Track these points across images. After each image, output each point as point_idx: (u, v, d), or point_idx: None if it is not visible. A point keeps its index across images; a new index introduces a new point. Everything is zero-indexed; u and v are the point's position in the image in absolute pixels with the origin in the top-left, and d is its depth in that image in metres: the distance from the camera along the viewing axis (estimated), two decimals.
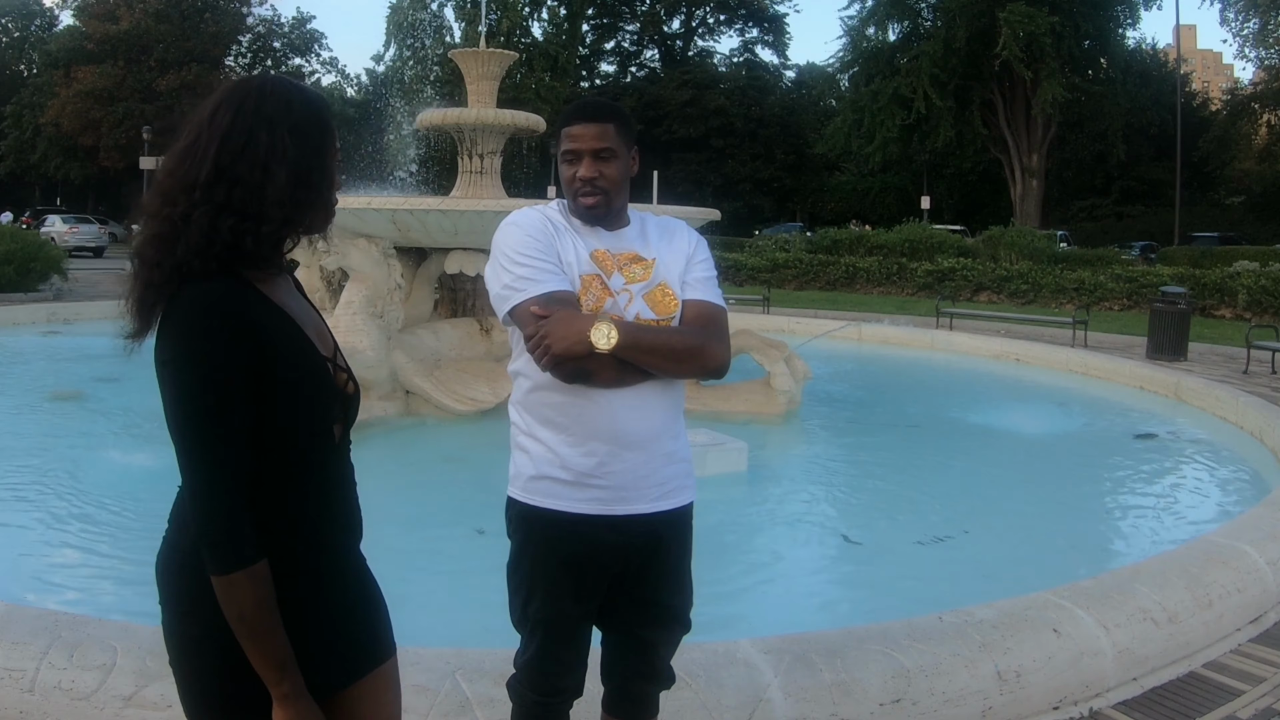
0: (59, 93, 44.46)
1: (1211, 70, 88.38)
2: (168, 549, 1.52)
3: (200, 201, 1.38)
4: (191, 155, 1.42)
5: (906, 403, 8.95)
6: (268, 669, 1.39)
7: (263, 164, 1.41)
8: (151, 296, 1.41)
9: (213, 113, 1.44)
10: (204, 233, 1.37)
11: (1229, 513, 5.30)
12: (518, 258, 1.90)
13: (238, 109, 1.44)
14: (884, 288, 21.58)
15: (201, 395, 1.35)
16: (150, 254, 1.40)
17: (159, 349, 1.39)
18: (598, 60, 57.16)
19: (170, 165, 1.43)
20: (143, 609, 3.59)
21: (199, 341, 1.36)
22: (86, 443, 6.38)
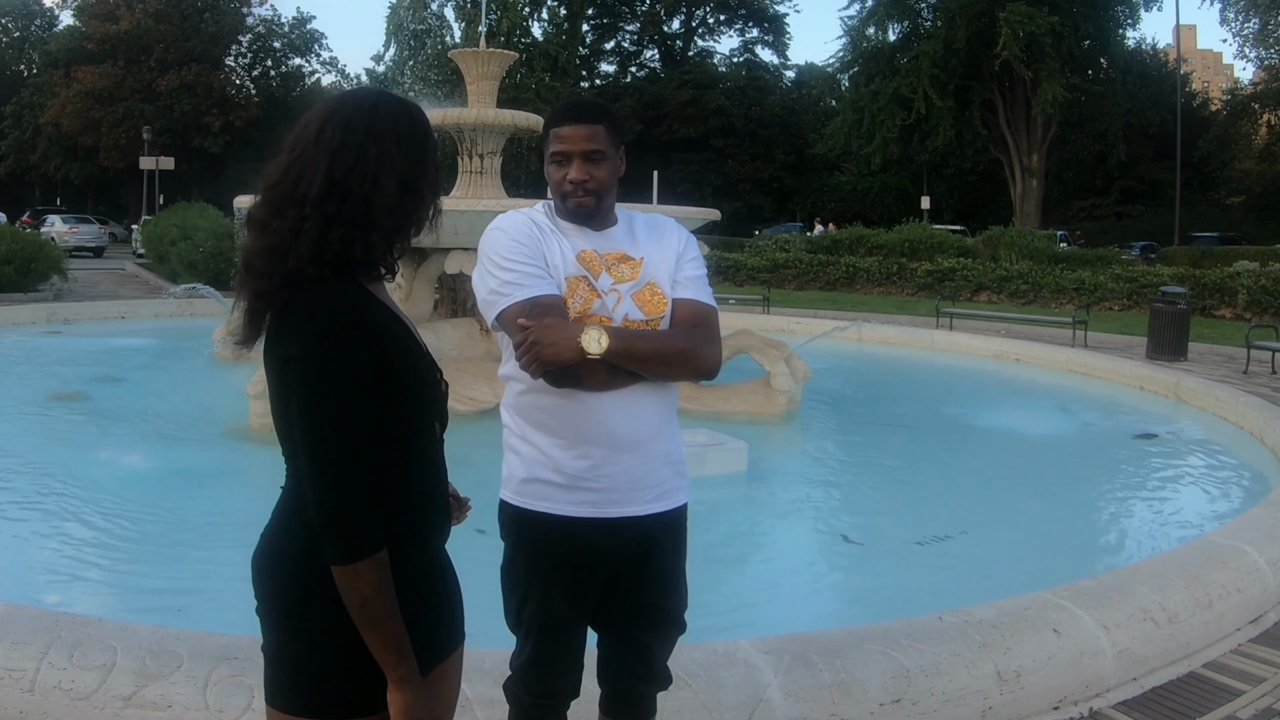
0: (59, 93, 44.47)
1: (1211, 70, 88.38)
2: (271, 551, 1.55)
3: (311, 215, 1.44)
4: (300, 170, 1.46)
5: (906, 403, 8.95)
6: (386, 653, 1.45)
7: (372, 177, 1.46)
8: (263, 306, 1.47)
9: (320, 129, 1.48)
10: (314, 244, 1.42)
11: (1229, 513, 5.30)
12: (503, 262, 1.90)
13: (347, 125, 1.48)
14: (884, 288, 21.57)
15: (331, 394, 1.40)
16: (260, 265, 1.45)
17: (280, 348, 1.44)
18: (598, 60, 57.15)
19: (276, 179, 1.48)
20: (143, 609, 3.60)
21: (329, 342, 1.41)
22: (86, 443, 6.39)
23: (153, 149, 37.09)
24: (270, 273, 1.44)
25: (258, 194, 1.51)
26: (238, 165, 45.74)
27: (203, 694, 2.45)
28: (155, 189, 35.43)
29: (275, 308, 1.45)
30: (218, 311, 11.32)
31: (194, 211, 21.58)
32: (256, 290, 1.46)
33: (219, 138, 45.42)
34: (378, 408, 1.44)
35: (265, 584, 1.54)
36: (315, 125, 1.49)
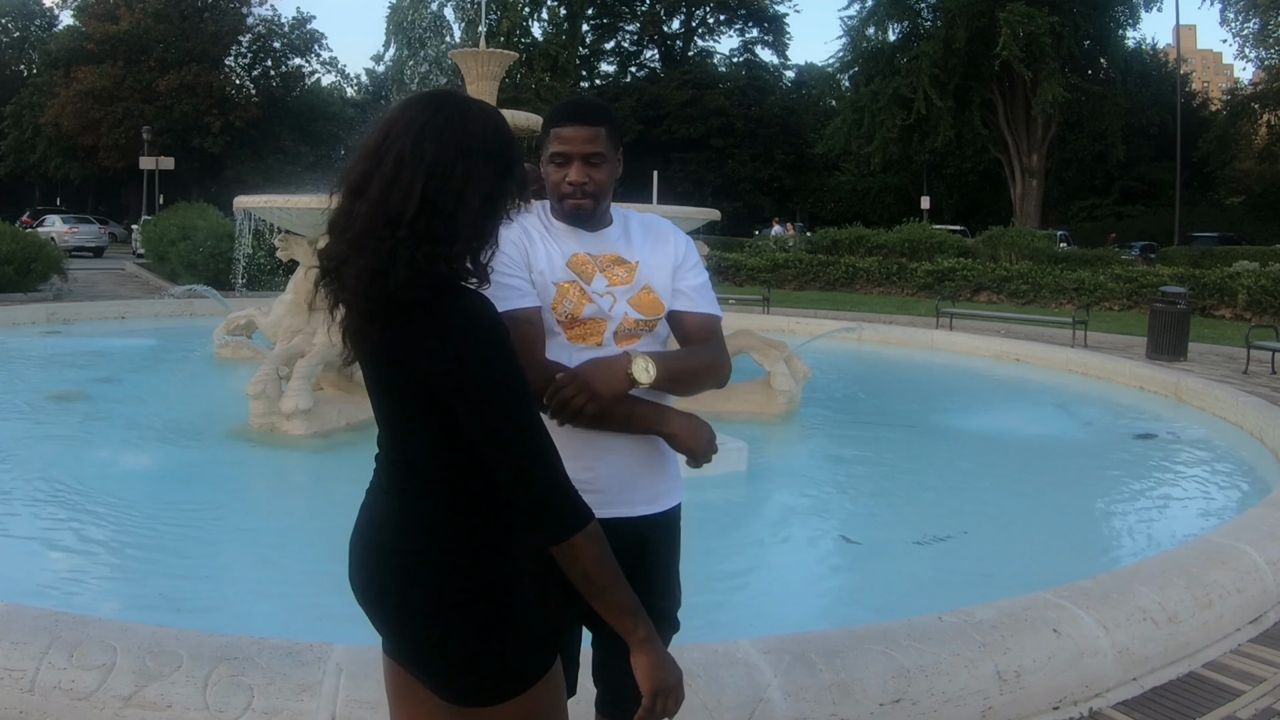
0: (59, 93, 44.45)
1: (1211, 70, 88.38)
2: (409, 562, 1.53)
3: (407, 236, 1.43)
4: (397, 187, 1.44)
5: (906, 403, 8.95)
6: (622, 618, 1.51)
7: (458, 193, 1.46)
8: (371, 327, 1.47)
9: (416, 142, 1.46)
10: (411, 265, 1.43)
11: (1229, 513, 5.30)
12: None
13: (439, 138, 1.47)
14: (884, 288, 21.57)
15: (518, 389, 1.45)
16: (362, 287, 1.45)
17: (421, 358, 1.45)
18: (598, 60, 57.14)
19: (375, 195, 1.46)
20: (143, 609, 3.60)
21: (496, 343, 1.45)
22: (86, 443, 6.38)
23: (153, 149, 37.08)
24: (372, 295, 1.44)
25: (342, 199, 1.49)
26: (238, 165, 45.72)
27: (202, 694, 2.45)
28: (155, 189, 35.43)
29: (391, 324, 1.46)
30: (217, 312, 11.33)
31: (194, 211, 21.57)
32: (362, 312, 1.47)
33: (219, 138, 45.40)
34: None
35: (414, 594, 1.52)
36: (410, 138, 1.47)
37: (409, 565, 1.53)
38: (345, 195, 1.49)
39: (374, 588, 1.57)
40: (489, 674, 1.53)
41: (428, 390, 1.46)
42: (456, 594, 1.51)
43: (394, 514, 1.56)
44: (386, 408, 1.55)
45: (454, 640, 1.52)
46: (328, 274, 1.51)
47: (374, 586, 1.57)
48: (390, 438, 1.57)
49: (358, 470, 1.71)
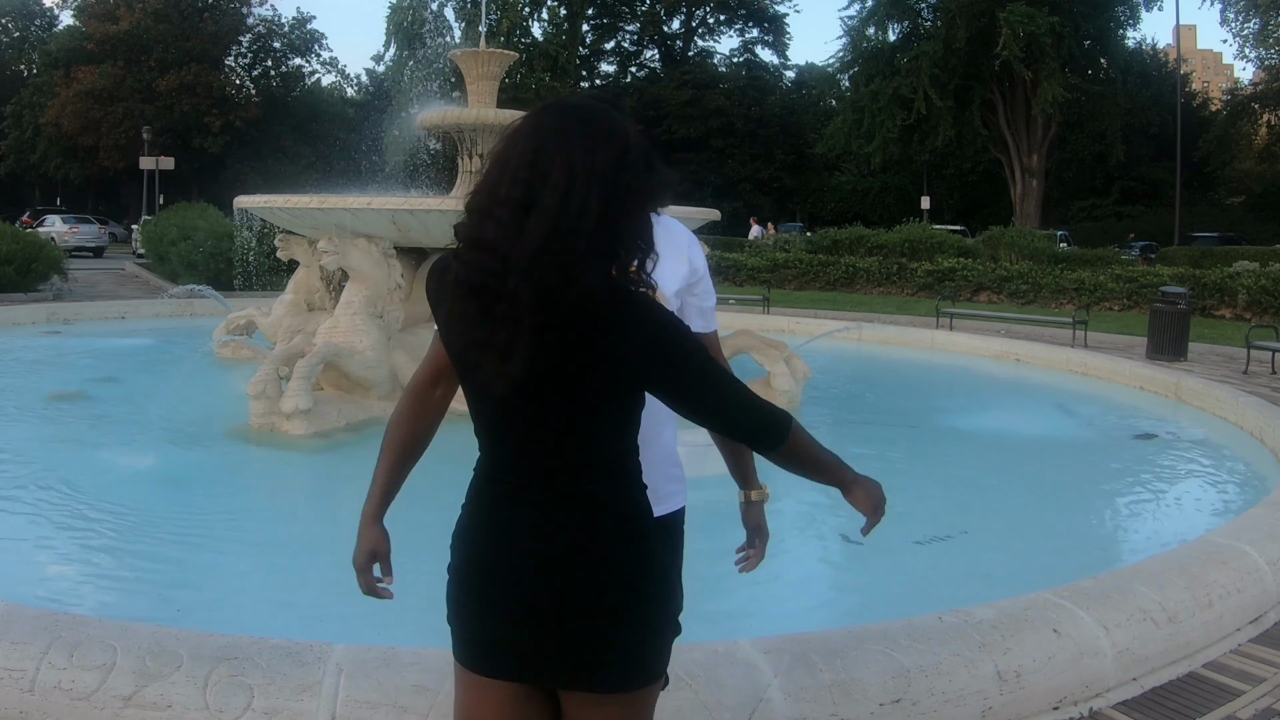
0: (59, 93, 44.46)
1: (1211, 70, 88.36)
2: (637, 535, 1.61)
3: (585, 252, 1.43)
4: (573, 200, 1.44)
5: (906, 402, 8.95)
6: (832, 474, 1.74)
7: (623, 202, 1.48)
8: (546, 340, 1.46)
9: (586, 153, 1.46)
10: (595, 277, 1.45)
11: (1229, 513, 5.30)
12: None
13: (606, 149, 1.48)
14: (884, 288, 21.57)
15: (699, 344, 1.57)
16: (544, 302, 1.44)
17: (632, 350, 1.50)
18: (598, 60, 57.13)
19: (552, 210, 1.44)
20: (143, 609, 3.60)
21: (677, 319, 1.57)
22: (86, 443, 6.38)
23: (153, 149, 37.10)
24: (554, 308, 1.43)
25: (498, 212, 1.45)
26: (238, 165, 45.73)
27: (202, 694, 2.45)
28: (155, 189, 35.45)
29: (570, 334, 1.47)
30: (217, 312, 11.32)
31: (194, 211, 21.58)
32: (538, 324, 1.44)
33: (219, 138, 45.41)
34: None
35: (648, 566, 1.60)
36: (578, 150, 1.46)
37: (636, 552, 1.59)
38: (507, 209, 1.45)
39: (587, 610, 1.55)
40: (668, 645, 1.65)
41: (628, 383, 1.54)
42: (665, 576, 1.65)
43: (591, 524, 1.56)
44: (567, 414, 1.54)
45: (660, 619, 1.62)
46: (481, 292, 1.46)
47: (587, 609, 1.55)
48: (570, 444, 1.55)
49: (358, 470, 1.71)
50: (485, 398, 1.56)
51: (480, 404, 1.59)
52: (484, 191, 1.49)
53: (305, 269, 9.15)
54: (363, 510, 1.74)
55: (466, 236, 1.50)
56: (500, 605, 1.58)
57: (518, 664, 1.59)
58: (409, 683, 2.50)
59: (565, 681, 1.60)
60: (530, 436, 1.56)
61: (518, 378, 1.47)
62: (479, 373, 1.52)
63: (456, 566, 1.64)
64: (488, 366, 1.49)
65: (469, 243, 1.49)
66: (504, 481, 1.60)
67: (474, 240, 1.48)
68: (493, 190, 1.47)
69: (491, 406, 1.57)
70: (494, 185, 1.48)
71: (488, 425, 1.61)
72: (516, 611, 1.57)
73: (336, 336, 6.96)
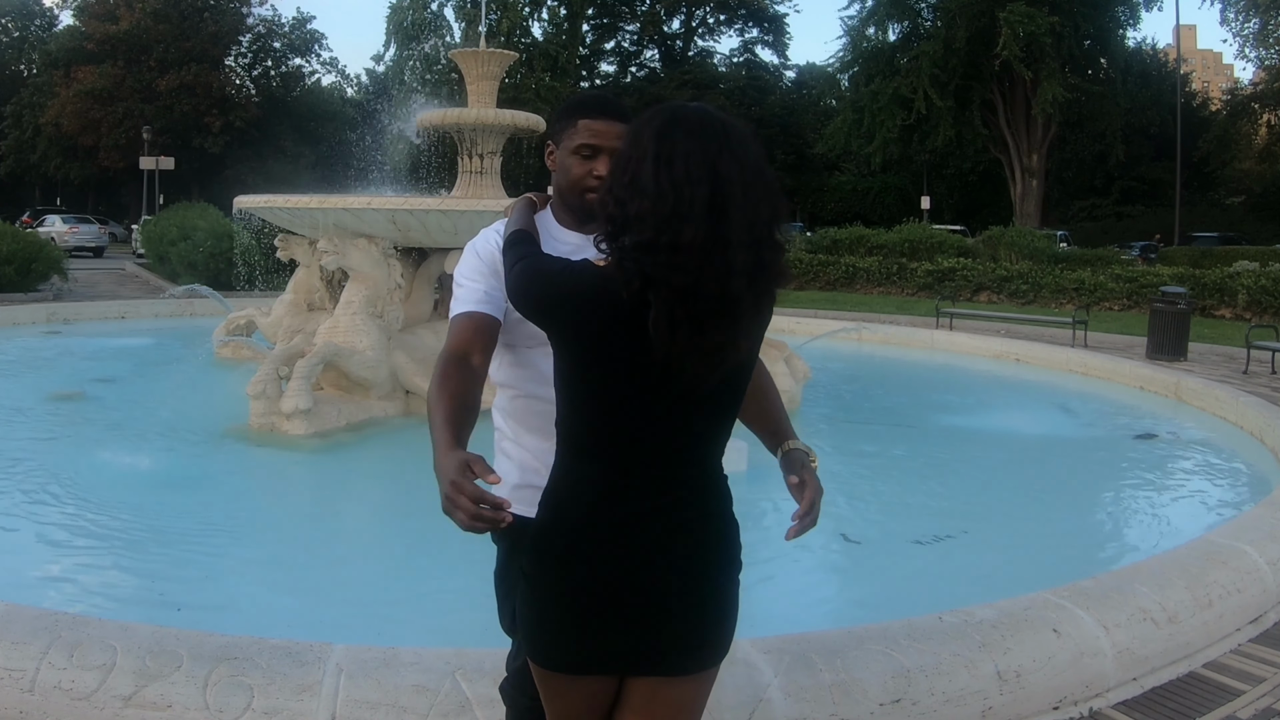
0: (59, 93, 44.47)
1: (1211, 70, 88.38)
2: (731, 532, 1.70)
3: (774, 245, 1.52)
4: (754, 196, 1.50)
5: (906, 402, 8.95)
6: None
7: (779, 198, 1.56)
8: (754, 332, 1.57)
9: (747, 152, 1.53)
10: (785, 273, 1.54)
11: (1229, 513, 5.30)
12: (461, 279, 1.92)
13: (758, 150, 1.57)
14: (884, 288, 21.57)
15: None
16: (757, 299, 1.52)
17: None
18: (598, 60, 57.12)
19: (744, 206, 1.49)
20: (143, 609, 3.60)
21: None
22: (86, 443, 6.38)
23: (153, 149, 37.11)
24: (757, 306, 1.53)
25: (695, 214, 1.47)
26: (238, 165, 45.73)
27: (202, 694, 2.45)
28: (155, 189, 35.45)
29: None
30: (217, 312, 11.32)
31: (194, 211, 21.58)
32: (758, 318, 1.56)
33: (219, 138, 45.42)
34: None
35: (737, 549, 1.69)
36: (741, 151, 1.53)
37: (733, 536, 1.69)
38: (699, 208, 1.46)
39: (720, 586, 1.65)
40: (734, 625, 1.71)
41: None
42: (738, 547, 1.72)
43: (716, 515, 1.66)
44: (726, 406, 1.63)
45: (734, 591, 1.70)
46: (690, 295, 1.46)
47: (720, 585, 1.65)
48: (716, 436, 1.64)
49: (358, 470, 1.71)
50: (666, 394, 1.54)
51: (651, 401, 1.55)
52: (659, 195, 1.47)
53: (305, 269, 9.14)
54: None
55: (655, 241, 1.46)
56: (627, 611, 1.59)
57: (629, 660, 1.63)
58: (409, 683, 2.50)
59: (673, 668, 1.64)
60: (684, 433, 1.59)
61: (728, 366, 1.53)
62: (683, 370, 1.50)
63: (577, 580, 1.59)
64: (697, 359, 1.49)
65: (662, 247, 1.46)
66: (634, 487, 1.59)
67: (670, 244, 1.45)
68: (675, 192, 1.46)
69: (662, 404, 1.55)
70: (672, 187, 1.46)
71: (633, 430, 1.57)
72: (648, 613, 1.59)
73: (336, 336, 6.96)
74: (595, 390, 1.58)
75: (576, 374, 1.59)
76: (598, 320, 1.54)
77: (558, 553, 1.60)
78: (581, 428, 1.61)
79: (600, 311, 1.53)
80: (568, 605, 1.60)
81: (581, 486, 1.60)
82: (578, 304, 1.56)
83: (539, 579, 1.63)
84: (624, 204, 1.50)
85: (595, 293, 1.53)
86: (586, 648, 1.61)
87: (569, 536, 1.60)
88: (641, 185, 1.48)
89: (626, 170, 1.52)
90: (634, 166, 1.51)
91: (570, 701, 1.68)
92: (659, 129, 1.52)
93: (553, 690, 1.70)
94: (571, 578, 1.59)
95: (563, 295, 1.57)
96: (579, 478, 1.61)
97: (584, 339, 1.56)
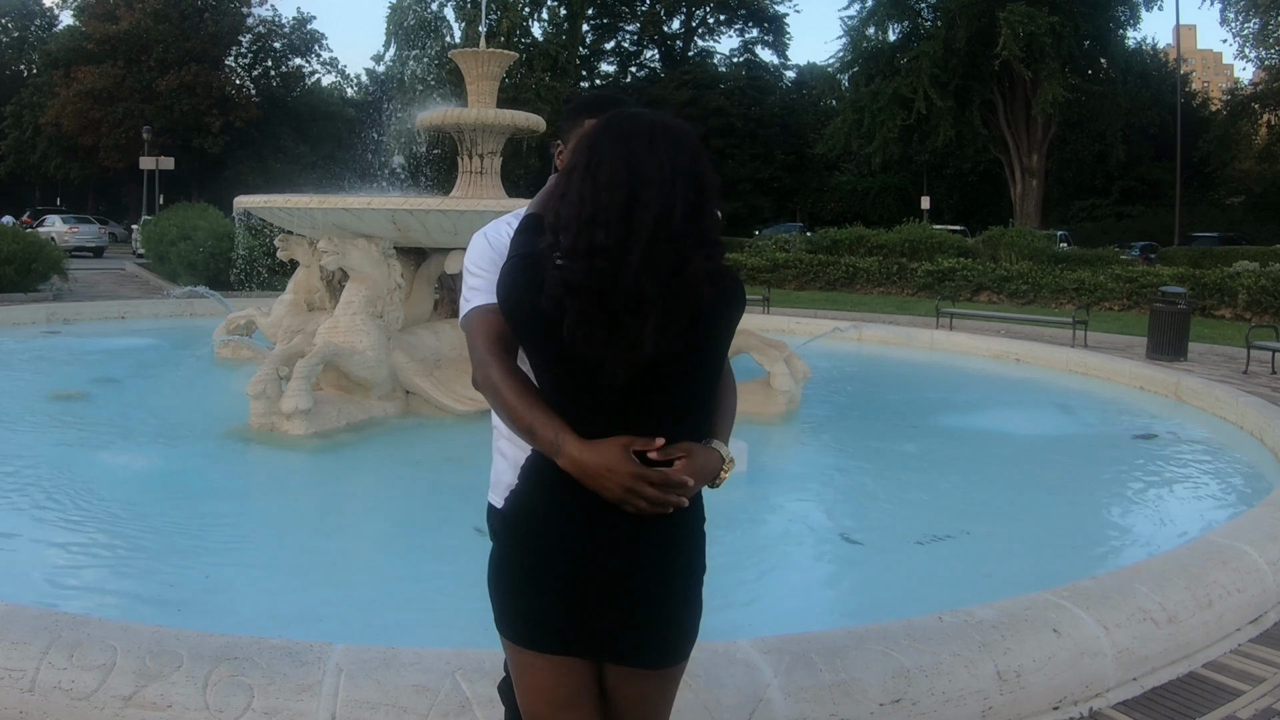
0: (59, 93, 44.48)
1: (1211, 70, 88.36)
2: (702, 521, 1.76)
3: (689, 240, 1.56)
4: (671, 196, 1.54)
5: (906, 402, 8.95)
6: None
7: (708, 197, 1.60)
8: (668, 324, 1.58)
9: (673, 153, 1.57)
10: (695, 266, 1.58)
11: (1229, 513, 5.30)
12: (473, 268, 1.91)
13: (690, 150, 1.60)
14: (884, 288, 21.57)
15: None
16: (660, 291, 1.55)
17: (734, 310, 1.71)
18: (598, 60, 57.11)
19: (655, 205, 1.54)
20: (143, 609, 3.60)
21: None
22: (86, 443, 6.38)
23: (153, 149, 37.11)
24: (663, 297, 1.54)
25: (608, 219, 1.53)
26: (238, 165, 45.75)
27: (202, 694, 2.45)
28: (155, 189, 35.46)
29: (694, 315, 1.60)
30: (217, 312, 11.32)
31: (194, 211, 21.58)
32: (668, 310, 1.56)
33: (219, 138, 45.43)
34: None
35: (699, 558, 1.74)
36: (667, 152, 1.57)
37: (697, 546, 1.72)
38: (612, 212, 1.53)
39: (678, 590, 1.70)
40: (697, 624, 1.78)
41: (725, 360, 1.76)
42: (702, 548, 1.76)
43: (683, 512, 1.66)
44: (678, 397, 1.66)
45: (696, 596, 1.75)
46: (601, 295, 1.53)
47: (678, 589, 1.70)
48: (677, 427, 1.65)
49: (358, 470, 1.71)
50: (601, 390, 1.59)
51: (591, 399, 1.61)
52: (580, 202, 1.54)
53: (305, 269, 9.15)
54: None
55: (574, 247, 1.53)
56: (588, 591, 1.64)
57: (591, 644, 1.69)
58: (409, 683, 2.50)
59: (633, 659, 1.70)
60: (638, 423, 1.62)
61: (642, 363, 1.55)
62: (602, 368, 1.56)
63: (527, 552, 1.68)
64: (614, 357, 1.55)
65: (579, 252, 1.53)
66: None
67: (586, 249, 1.53)
68: (593, 198, 1.53)
69: (603, 399, 1.60)
70: (592, 194, 1.53)
71: (592, 418, 1.62)
72: (605, 597, 1.64)
73: (336, 336, 6.96)
74: (550, 382, 1.66)
75: (535, 363, 1.69)
76: (537, 325, 1.62)
77: (519, 522, 1.69)
78: (573, 412, 1.66)
79: (535, 316, 1.62)
80: (520, 572, 1.68)
81: (554, 465, 1.64)
82: (513, 304, 1.66)
83: (507, 546, 1.71)
84: (556, 213, 1.58)
85: (532, 298, 1.61)
86: (542, 622, 1.67)
87: (526, 510, 1.69)
88: (569, 194, 1.56)
89: (561, 181, 1.61)
90: (566, 177, 1.59)
91: (538, 679, 1.72)
92: (591, 139, 1.59)
93: (518, 667, 1.75)
94: (526, 546, 1.67)
95: (513, 290, 1.67)
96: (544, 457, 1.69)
97: (531, 330, 1.65)
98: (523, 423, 1.66)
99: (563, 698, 1.71)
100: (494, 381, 1.72)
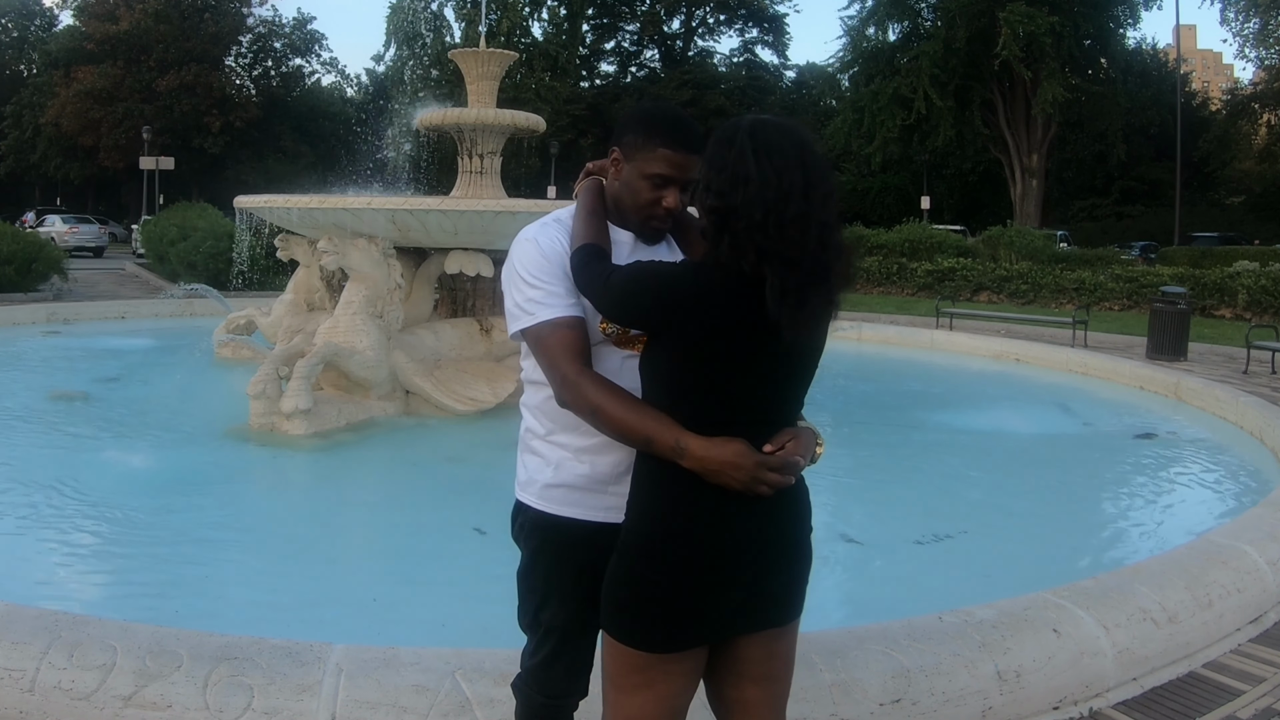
0: (59, 93, 44.49)
1: (1211, 70, 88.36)
2: (805, 487, 1.90)
3: (815, 239, 1.68)
4: (785, 188, 1.66)
5: (906, 402, 8.95)
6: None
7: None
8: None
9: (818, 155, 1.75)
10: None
11: (1229, 513, 5.30)
12: (530, 278, 1.87)
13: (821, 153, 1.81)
14: (884, 288, 21.57)
15: None
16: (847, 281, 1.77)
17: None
18: (598, 60, 57.12)
19: (833, 208, 1.73)
20: (143, 609, 3.60)
21: None
22: (86, 443, 6.38)
23: (153, 149, 37.08)
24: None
25: (833, 223, 1.72)
26: (238, 165, 45.75)
27: (202, 694, 2.45)
28: (155, 189, 35.44)
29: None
30: (217, 312, 11.32)
31: (194, 211, 21.58)
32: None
33: (219, 138, 45.43)
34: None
35: (810, 504, 1.90)
36: (815, 154, 1.77)
37: (810, 509, 1.90)
38: (801, 198, 1.66)
39: (805, 558, 1.86)
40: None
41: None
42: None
43: (795, 494, 1.81)
44: (811, 372, 1.84)
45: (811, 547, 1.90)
46: (797, 266, 1.65)
47: (806, 557, 1.86)
48: (797, 407, 1.84)
49: (357, 470, 1.71)
50: (758, 369, 1.72)
51: (746, 379, 1.72)
52: (762, 182, 1.64)
53: (305, 269, 9.15)
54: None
55: (763, 221, 1.64)
56: (747, 568, 1.74)
57: (740, 618, 1.79)
58: (409, 683, 2.50)
59: (781, 617, 1.85)
60: (779, 396, 1.78)
61: (816, 338, 1.76)
62: (782, 338, 1.69)
63: (687, 557, 1.72)
64: (796, 330, 1.68)
65: (771, 225, 1.64)
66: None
67: (777, 221, 1.64)
68: (778, 179, 1.65)
69: (756, 377, 1.72)
70: (775, 175, 1.65)
71: (740, 401, 1.72)
72: (765, 571, 1.76)
73: (336, 336, 6.96)
74: (707, 371, 1.71)
75: (687, 363, 1.72)
76: (719, 308, 1.69)
77: (677, 530, 1.73)
78: (687, 411, 1.70)
79: (721, 299, 1.69)
80: (688, 579, 1.73)
81: (674, 469, 1.70)
82: (699, 296, 1.70)
83: (653, 561, 1.74)
84: (725, 195, 1.66)
85: (714, 284, 1.70)
86: (705, 616, 1.75)
87: (689, 510, 1.72)
88: (745, 175, 1.65)
89: (725, 168, 1.68)
90: (733, 163, 1.67)
91: (670, 686, 1.80)
92: (750, 128, 1.70)
93: (646, 679, 1.79)
94: (691, 549, 1.72)
95: (689, 293, 1.70)
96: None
97: (705, 328, 1.69)
98: (638, 435, 1.72)
99: (683, 704, 1.85)
100: (591, 400, 1.75)
